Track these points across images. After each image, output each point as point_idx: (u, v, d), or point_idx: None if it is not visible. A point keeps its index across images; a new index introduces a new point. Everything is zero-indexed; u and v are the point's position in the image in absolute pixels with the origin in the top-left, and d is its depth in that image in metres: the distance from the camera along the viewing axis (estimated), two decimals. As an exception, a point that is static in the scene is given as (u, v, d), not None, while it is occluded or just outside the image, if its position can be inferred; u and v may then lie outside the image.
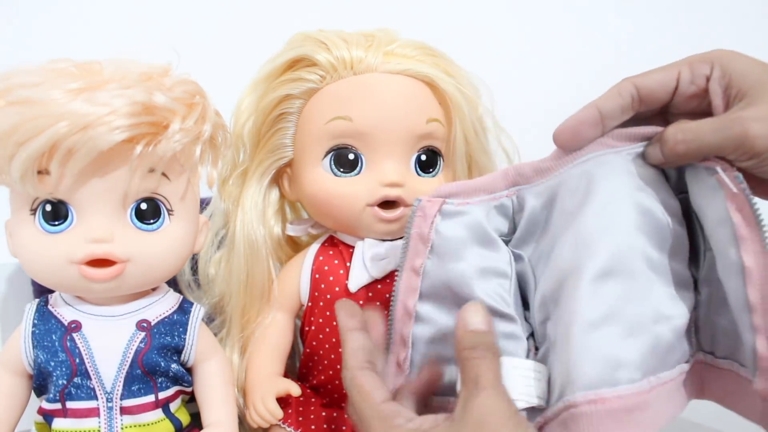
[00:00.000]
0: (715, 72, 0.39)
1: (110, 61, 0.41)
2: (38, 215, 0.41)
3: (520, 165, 0.43)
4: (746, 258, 0.36)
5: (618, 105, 0.40)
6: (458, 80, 0.50)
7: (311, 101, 0.49)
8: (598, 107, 0.40)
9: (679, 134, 0.38)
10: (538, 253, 0.42)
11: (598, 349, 0.36)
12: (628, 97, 0.40)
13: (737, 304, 0.37)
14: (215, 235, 0.55)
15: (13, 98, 0.38)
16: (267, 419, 0.49)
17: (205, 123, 0.43)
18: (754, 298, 0.36)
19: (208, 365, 0.48)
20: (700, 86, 0.40)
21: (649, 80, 0.40)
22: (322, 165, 0.49)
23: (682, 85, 0.40)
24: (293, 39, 0.51)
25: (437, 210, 0.42)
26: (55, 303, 0.45)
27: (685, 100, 0.40)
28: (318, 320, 0.52)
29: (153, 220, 0.43)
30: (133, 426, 0.44)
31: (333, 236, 0.53)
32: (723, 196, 0.37)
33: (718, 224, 0.38)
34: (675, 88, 0.40)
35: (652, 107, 0.41)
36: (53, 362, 0.43)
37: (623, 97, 0.40)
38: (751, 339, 0.37)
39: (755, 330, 0.36)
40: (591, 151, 0.41)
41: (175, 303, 0.47)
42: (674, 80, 0.40)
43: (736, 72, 0.38)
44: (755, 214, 0.36)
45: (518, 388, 0.37)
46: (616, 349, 0.36)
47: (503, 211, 0.43)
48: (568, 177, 0.41)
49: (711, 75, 0.39)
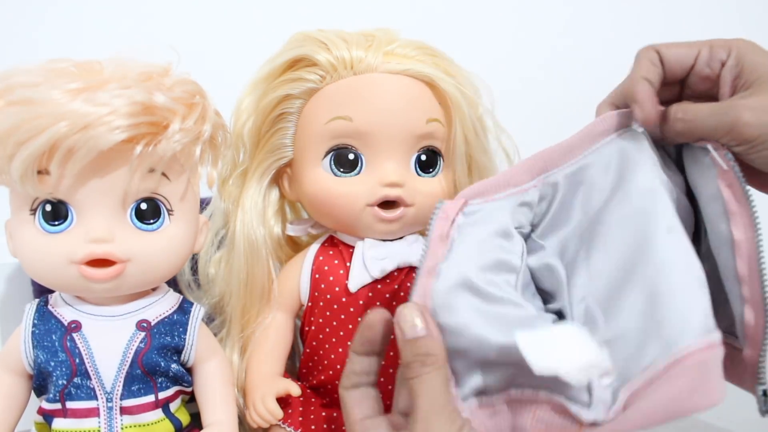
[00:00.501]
0: (730, 60, 0.40)
1: (110, 61, 0.41)
2: (38, 215, 0.41)
3: (546, 151, 0.42)
4: (736, 231, 0.38)
5: (657, 75, 0.41)
6: (458, 80, 0.50)
7: (311, 101, 0.49)
8: (648, 80, 0.41)
9: (679, 113, 0.40)
10: (568, 234, 0.41)
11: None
12: (659, 65, 0.41)
13: (728, 276, 0.39)
14: (215, 235, 0.55)
15: (13, 98, 0.38)
16: (267, 419, 0.49)
17: (205, 123, 0.43)
18: (742, 270, 0.38)
19: (208, 365, 0.48)
20: (714, 70, 0.41)
21: (670, 53, 0.41)
22: (322, 165, 0.49)
23: (699, 65, 0.41)
24: (293, 39, 0.51)
25: (459, 210, 0.41)
26: (55, 303, 0.45)
27: (699, 80, 0.41)
28: (318, 320, 0.52)
29: (153, 220, 0.43)
30: (133, 426, 0.44)
31: (333, 236, 0.53)
32: (715, 174, 0.39)
33: (711, 200, 0.40)
34: (691, 66, 0.41)
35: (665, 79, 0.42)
36: (53, 362, 0.43)
37: (656, 66, 0.41)
38: (740, 309, 0.39)
39: (744, 300, 0.39)
40: (615, 130, 0.42)
41: (175, 303, 0.47)
42: (693, 58, 0.41)
43: (749, 63, 0.39)
44: (744, 190, 0.38)
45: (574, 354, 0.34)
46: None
47: (528, 204, 0.43)
48: (599, 156, 0.41)
49: (726, 62, 0.40)
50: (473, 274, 0.38)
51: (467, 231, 0.40)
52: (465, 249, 0.39)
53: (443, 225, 0.40)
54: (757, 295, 0.38)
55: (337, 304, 0.51)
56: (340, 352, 0.51)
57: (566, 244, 0.41)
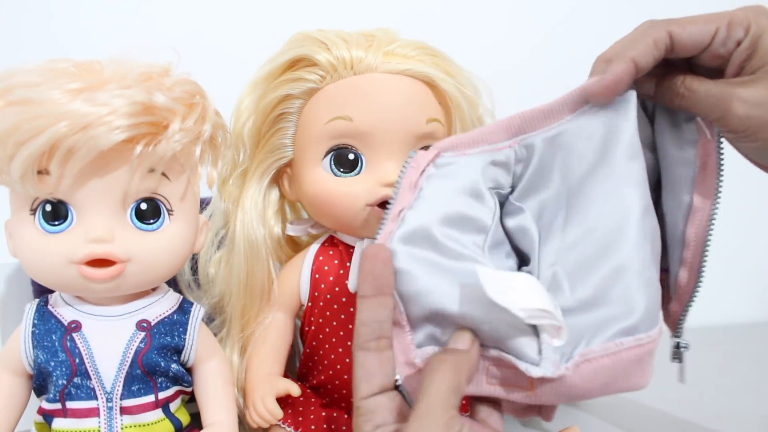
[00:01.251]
0: (745, 41, 0.38)
1: (110, 61, 0.41)
2: (38, 215, 0.41)
3: (526, 112, 0.41)
4: (696, 199, 0.40)
5: (653, 58, 0.39)
6: (458, 80, 0.50)
7: (311, 101, 0.49)
8: (635, 61, 0.39)
9: (681, 88, 0.39)
10: (546, 198, 0.41)
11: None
12: (663, 48, 0.39)
13: (674, 236, 0.41)
14: (215, 235, 0.55)
15: (13, 98, 0.38)
16: (267, 419, 0.49)
17: (205, 123, 0.43)
18: (689, 235, 0.41)
19: (208, 365, 0.48)
20: (729, 50, 0.39)
21: (685, 32, 0.39)
22: (322, 165, 0.49)
23: (714, 44, 0.39)
24: (293, 39, 0.51)
25: (430, 161, 0.40)
26: (55, 303, 0.45)
27: (711, 57, 0.39)
28: (318, 320, 0.52)
29: (153, 220, 0.43)
30: (133, 426, 0.44)
31: (333, 236, 0.53)
32: (695, 140, 0.40)
33: (681, 164, 0.41)
34: (707, 45, 0.39)
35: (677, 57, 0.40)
36: (53, 362, 0.43)
37: (659, 50, 0.39)
38: (677, 269, 0.42)
39: (683, 262, 0.41)
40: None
41: (175, 303, 0.47)
42: (709, 37, 0.38)
43: (763, 46, 0.38)
44: (719, 164, 0.39)
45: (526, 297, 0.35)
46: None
47: (503, 164, 0.42)
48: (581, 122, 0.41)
49: (741, 42, 0.38)
50: (433, 226, 0.38)
51: (436, 183, 0.40)
52: (430, 200, 0.39)
53: (413, 173, 0.40)
54: (696, 260, 0.41)
55: (337, 304, 0.51)
56: (340, 352, 0.51)
57: (543, 207, 0.41)
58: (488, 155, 0.41)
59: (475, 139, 0.41)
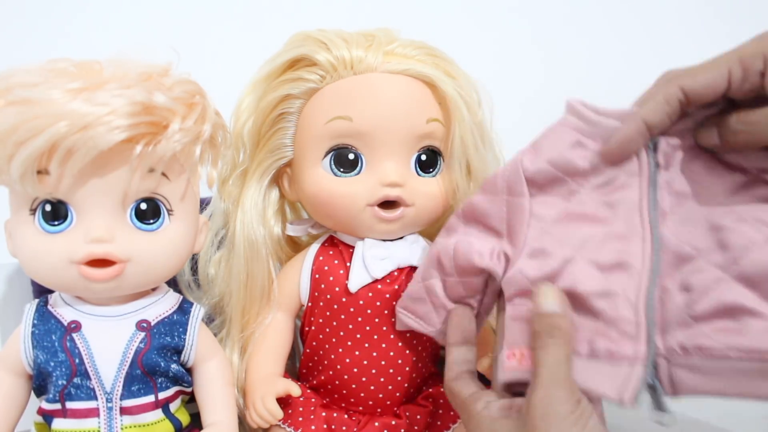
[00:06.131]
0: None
1: (110, 61, 0.41)
2: (38, 215, 0.41)
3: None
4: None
5: (666, 115, 0.39)
6: (458, 81, 0.50)
7: (311, 101, 0.49)
8: (645, 120, 0.39)
9: (739, 125, 0.38)
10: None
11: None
12: (676, 103, 0.39)
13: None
14: (215, 235, 0.55)
15: (13, 98, 0.38)
16: (267, 419, 0.49)
17: (205, 123, 0.42)
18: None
19: (208, 365, 0.48)
20: (755, 83, 0.37)
21: (697, 84, 0.38)
22: (322, 165, 0.49)
23: (735, 85, 0.37)
24: (293, 39, 0.51)
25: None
26: (54, 303, 0.45)
27: (741, 94, 0.38)
28: (318, 320, 0.52)
29: (153, 220, 0.43)
30: (133, 426, 0.44)
31: (333, 236, 0.53)
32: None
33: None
34: (726, 89, 0.38)
35: (698, 106, 0.40)
36: (53, 362, 0.43)
37: (671, 105, 0.39)
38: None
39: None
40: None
41: (175, 303, 0.47)
42: (725, 81, 0.37)
43: None
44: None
45: None
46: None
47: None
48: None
49: (766, 70, 0.36)
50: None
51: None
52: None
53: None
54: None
55: (337, 304, 0.51)
56: (340, 352, 0.51)
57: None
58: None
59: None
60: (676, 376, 0.38)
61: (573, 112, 0.42)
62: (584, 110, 0.42)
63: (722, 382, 0.37)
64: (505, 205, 0.43)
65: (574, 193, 0.42)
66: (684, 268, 0.39)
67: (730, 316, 0.38)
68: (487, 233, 0.45)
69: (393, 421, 0.52)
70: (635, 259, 0.40)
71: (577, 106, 0.42)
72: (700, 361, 0.38)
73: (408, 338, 0.51)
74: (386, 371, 0.51)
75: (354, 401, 0.52)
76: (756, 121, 0.37)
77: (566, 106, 0.43)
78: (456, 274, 0.45)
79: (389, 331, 0.51)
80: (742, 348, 0.37)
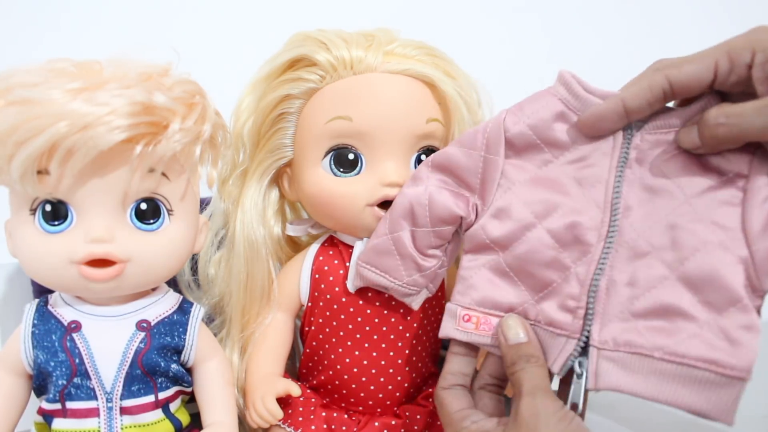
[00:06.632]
0: (757, 57, 0.36)
1: (110, 61, 0.41)
2: (38, 215, 0.41)
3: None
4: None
5: (646, 101, 0.39)
6: (457, 82, 0.50)
7: (311, 101, 0.49)
8: (624, 101, 0.40)
9: (720, 118, 0.37)
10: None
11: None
12: (660, 92, 0.39)
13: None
14: (215, 235, 0.55)
15: (13, 98, 0.38)
16: (267, 419, 0.49)
17: (205, 123, 0.42)
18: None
19: (208, 365, 0.48)
20: (742, 75, 0.37)
21: (683, 74, 0.38)
22: (322, 165, 0.49)
23: (721, 77, 0.37)
24: (293, 39, 0.51)
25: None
26: (55, 303, 0.45)
27: (728, 87, 0.38)
28: (318, 320, 0.52)
29: (153, 220, 0.43)
30: (133, 426, 0.44)
31: (333, 236, 0.53)
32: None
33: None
34: (712, 81, 0.38)
35: (686, 97, 0.40)
36: (53, 362, 0.43)
37: (653, 92, 0.39)
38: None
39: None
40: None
41: (175, 303, 0.47)
42: (711, 73, 0.37)
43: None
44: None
45: None
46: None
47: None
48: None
49: (753, 62, 0.36)
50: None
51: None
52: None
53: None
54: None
55: (337, 304, 0.51)
56: (340, 352, 0.51)
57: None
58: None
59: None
60: (601, 368, 0.39)
61: (563, 83, 0.43)
62: (574, 84, 0.43)
63: (642, 382, 0.38)
64: (482, 162, 0.44)
65: (547, 163, 0.43)
66: (636, 263, 0.40)
67: (664, 317, 0.38)
68: (458, 185, 0.46)
69: (393, 421, 0.52)
70: (591, 238, 0.41)
71: (568, 78, 0.43)
72: (624, 356, 0.38)
73: (408, 338, 0.51)
74: (386, 371, 0.51)
75: (354, 401, 0.52)
76: (736, 113, 0.37)
77: (558, 76, 0.44)
78: (429, 224, 0.45)
79: (389, 331, 0.51)
80: (667, 349, 0.37)
